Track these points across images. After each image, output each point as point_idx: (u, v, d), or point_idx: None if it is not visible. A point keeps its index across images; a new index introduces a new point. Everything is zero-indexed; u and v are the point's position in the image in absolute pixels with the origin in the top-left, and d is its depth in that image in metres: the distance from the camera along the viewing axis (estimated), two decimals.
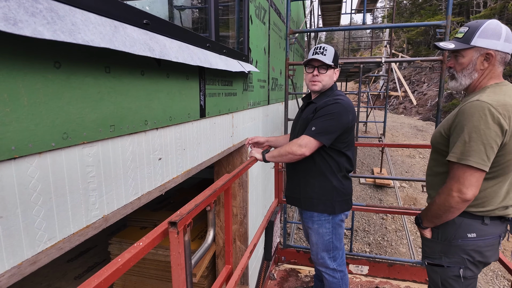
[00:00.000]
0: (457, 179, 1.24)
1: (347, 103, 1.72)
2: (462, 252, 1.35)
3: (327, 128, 1.65)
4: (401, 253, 5.18)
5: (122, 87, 1.11)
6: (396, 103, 19.30)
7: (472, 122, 1.19)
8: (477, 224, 1.32)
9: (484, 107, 1.18)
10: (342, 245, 1.91)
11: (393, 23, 7.10)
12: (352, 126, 1.77)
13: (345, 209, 1.84)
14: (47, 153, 0.84)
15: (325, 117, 1.66)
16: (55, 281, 3.46)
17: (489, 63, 1.31)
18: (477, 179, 1.21)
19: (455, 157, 1.24)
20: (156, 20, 1.27)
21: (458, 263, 1.37)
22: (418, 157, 8.62)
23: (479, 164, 1.18)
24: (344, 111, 1.67)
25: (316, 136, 1.64)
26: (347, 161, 1.81)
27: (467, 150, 1.20)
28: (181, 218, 0.84)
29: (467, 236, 1.34)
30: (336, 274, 1.89)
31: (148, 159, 1.32)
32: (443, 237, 1.40)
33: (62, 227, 0.90)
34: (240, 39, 2.71)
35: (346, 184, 1.82)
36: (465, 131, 1.21)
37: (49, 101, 0.83)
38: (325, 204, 1.80)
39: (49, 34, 0.73)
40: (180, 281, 0.85)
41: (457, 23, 18.12)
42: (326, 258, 1.88)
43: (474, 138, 1.19)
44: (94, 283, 0.62)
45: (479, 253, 1.34)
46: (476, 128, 1.18)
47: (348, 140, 1.77)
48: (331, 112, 1.66)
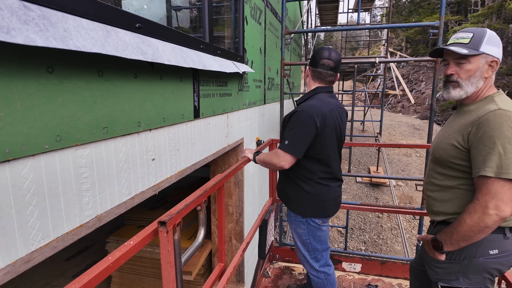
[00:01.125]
0: (494, 195, 1.12)
1: (314, 109, 1.64)
2: (483, 271, 1.25)
3: (296, 140, 1.63)
4: (396, 251, 5.23)
5: (115, 90, 1.14)
6: (394, 102, 19.35)
7: (503, 132, 1.12)
8: (499, 239, 1.23)
9: (509, 116, 1.13)
10: (324, 247, 1.89)
11: (389, 23, 7.12)
12: (324, 131, 1.67)
13: (318, 215, 1.80)
14: (40, 155, 0.87)
15: (293, 130, 1.64)
16: (53, 279, 3.49)
17: (492, 71, 1.29)
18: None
19: (492, 171, 1.13)
20: (149, 24, 1.29)
21: (479, 283, 1.27)
22: (415, 155, 8.66)
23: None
24: (309, 119, 1.61)
25: (288, 150, 1.62)
26: (322, 167, 1.75)
27: (505, 163, 1.11)
28: (171, 218, 0.87)
29: (488, 253, 1.23)
30: (319, 275, 1.90)
31: (141, 159, 1.35)
32: (462, 256, 1.27)
33: (55, 227, 0.93)
34: (235, 39, 2.73)
35: (320, 190, 1.76)
36: (497, 143, 1.12)
37: (42, 105, 0.86)
38: (296, 205, 1.82)
39: (42, 41, 0.75)
40: (170, 278, 0.88)
41: (455, 21, 18.15)
42: (308, 258, 1.89)
43: (510, 150, 1.11)
44: (85, 280, 0.65)
45: (499, 271, 1.26)
46: (509, 139, 1.11)
47: (322, 146, 1.70)
48: (297, 122, 1.63)
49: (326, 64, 1.74)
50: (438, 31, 2.85)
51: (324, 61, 1.74)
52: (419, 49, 22.57)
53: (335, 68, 1.77)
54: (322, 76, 1.78)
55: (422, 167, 7.96)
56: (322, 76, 1.78)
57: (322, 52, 1.75)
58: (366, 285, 2.44)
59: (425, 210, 2.54)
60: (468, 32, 1.29)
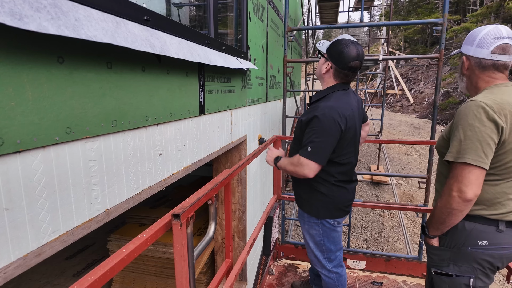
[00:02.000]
0: (456, 178, 1.20)
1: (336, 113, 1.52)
2: (472, 261, 1.28)
3: (320, 147, 1.50)
4: (398, 249, 5.23)
5: (123, 83, 1.13)
6: (393, 101, 19.38)
7: (467, 120, 1.19)
8: (490, 231, 1.24)
9: (478, 106, 1.18)
10: (338, 247, 1.85)
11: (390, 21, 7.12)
12: (346, 135, 1.58)
13: (333, 216, 1.75)
14: (51, 147, 0.85)
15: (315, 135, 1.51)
16: (53, 278, 3.47)
17: (467, 68, 1.35)
18: (476, 177, 1.16)
19: (452, 156, 1.22)
20: (157, 17, 1.28)
21: (468, 272, 1.29)
22: (415, 154, 8.68)
23: (477, 161, 1.15)
24: (333, 124, 1.50)
25: (313, 158, 1.50)
26: (339, 169, 1.67)
27: (463, 148, 1.18)
28: (184, 211, 0.85)
29: (477, 243, 1.25)
30: (331, 275, 1.85)
31: (149, 154, 1.33)
32: (451, 243, 1.32)
33: (65, 220, 0.92)
34: (238, 36, 2.72)
35: (336, 192, 1.70)
36: (460, 130, 1.21)
37: (53, 96, 0.84)
38: (310, 206, 1.76)
39: (54, 29, 0.74)
40: (183, 272, 0.87)
41: (453, 21, 18.19)
42: (321, 258, 1.84)
43: (469, 136, 1.17)
44: (101, 272, 0.63)
45: (490, 263, 1.27)
46: (471, 126, 1.17)
47: (342, 149, 1.61)
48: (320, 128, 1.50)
49: (355, 66, 1.58)
50: (441, 28, 2.85)
51: (353, 63, 1.57)
52: (418, 48, 22.64)
53: (361, 66, 1.62)
54: (346, 78, 1.64)
55: (423, 166, 7.97)
56: (347, 77, 1.64)
57: (349, 51, 1.55)
58: (371, 282, 2.43)
59: (428, 207, 2.54)
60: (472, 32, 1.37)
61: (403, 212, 5.83)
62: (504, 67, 1.28)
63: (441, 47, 2.92)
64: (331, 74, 1.65)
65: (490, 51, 1.26)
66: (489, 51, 1.26)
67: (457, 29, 15.49)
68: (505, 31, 1.24)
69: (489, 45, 1.26)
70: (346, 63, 1.57)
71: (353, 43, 1.58)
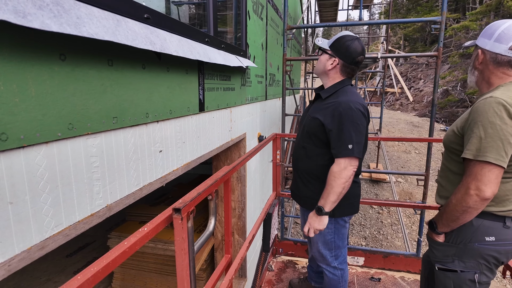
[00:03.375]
0: (474, 176, 1.17)
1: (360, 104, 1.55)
2: (478, 256, 1.27)
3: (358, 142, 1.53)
4: (396, 246, 5.26)
5: (124, 80, 1.14)
6: (393, 100, 19.40)
7: (487, 117, 1.15)
8: (497, 227, 1.24)
9: (498, 103, 1.14)
10: (345, 243, 1.86)
11: (389, 19, 7.13)
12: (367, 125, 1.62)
13: (346, 213, 1.74)
14: (53, 142, 0.87)
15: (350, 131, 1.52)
16: (54, 275, 3.49)
17: (481, 62, 1.30)
18: (496, 176, 1.14)
19: (471, 154, 1.18)
20: (157, 15, 1.29)
21: (474, 268, 1.29)
22: (414, 152, 8.70)
23: (498, 160, 1.13)
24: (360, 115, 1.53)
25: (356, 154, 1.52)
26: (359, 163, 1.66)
27: (484, 146, 1.15)
28: (185, 205, 0.87)
29: (484, 239, 1.25)
30: (336, 272, 1.86)
31: (149, 151, 1.35)
32: (458, 239, 1.31)
33: (68, 215, 0.93)
34: (238, 34, 2.73)
35: (353, 187, 1.68)
36: (480, 127, 1.16)
37: (55, 92, 0.86)
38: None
39: (56, 27, 0.75)
40: (184, 265, 0.88)
41: (453, 19, 18.19)
42: (328, 256, 1.84)
43: (490, 134, 1.14)
44: (103, 263, 0.65)
45: (495, 259, 1.27)
46: (492, 124, 1.14)
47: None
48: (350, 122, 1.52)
49: (360, 61, 1.64)
50: (440, 26, 2.86)
51: (359, 58, 1.62)
52: (417, 47, 22.65)
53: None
54: (353, 72, 1.68)
55: (421, 164, 8.00)
56: (353, 72, 1.68)
57: (356, 46, 1.60)
58: (369, 278, 2.45)
59: (426, 204, 2.56)
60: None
61: (401, 209, 5.86)
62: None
63: (439, 45, 2.93)
64: (338, 70, 1.66)
65: (508, 47, 1.21)
66: (507, 47, 1.22)
67: (457, 27, 15.50)
68: None
69: (509, 41, 1.21)
70: (354, 58, 1.60)
71: (357, 39, 1.62)
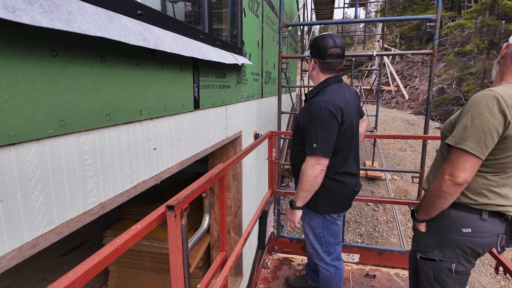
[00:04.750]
0: (451, 162, 1.21)
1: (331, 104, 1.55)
2: (455, 247, 1.32)
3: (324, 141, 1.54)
4: (392, 243, 5.30)
5: (117, 77, 1.13)
6: (389, 98, 19.47)
7: (478, 109, 1.16)
8: (474, 219, 1.28)
9: (493, 96, 1.15)
10: (337, 241, 1.85)
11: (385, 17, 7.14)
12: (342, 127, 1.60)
13: (329, 211, 1.75)
14: (45, 139, 0.86)
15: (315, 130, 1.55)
16: (49, 274, 3.47)
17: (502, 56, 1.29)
18: (471, 165, 1.17)
19: (453, 140, 1.21)
20: (150, 11, 1.28)
21: (451, 257, 1.34)
22: (409, 150, 8.76)
23: (475, 150, 1.15)
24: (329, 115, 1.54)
25: (320, 152, 1.54)
26: (338, 162, 1.68)
27: (466, 135, 1.17)
28: (179, 202, 0.87)
29: (461, 231, 1.29)
30: (329, 268, 1.87)
31: (143, 148, 1.34)
32: (437, 230, 1.36)
33: (60, 212, 0.93)
34: (233, 32, 2.72)
35: (333, 186, 1.70)
36: (469, 116, 1.19)
37: (46, 89, 0.85)
38: (309, 201, 1.73)
39: (47, 22, 0.74)
40: (178, 262, 0.88)
41: (448, 17, 18.27)
42: (320, 251, 1.85)
43: (476, 124, 1.16)
44: (95, 260, 0.65)
45: (472, 250, 1.31)
46: (480, 115, 1.15)
47: (340, 141, 1.62)
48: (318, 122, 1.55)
49: (335, 53, 1.63)
50: (434, 24, 2.87)
51: (331, 50, 1.62)
52: (413, 45, 22.71)
53: (343, 54, 1.67)
54: (332, 67, 1.68)
55: (417, 161, 8.05)
56: (332, 66, 1.67)
57: (325, 41, 1.63)
58: (364, 275, 2.47)
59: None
60: None
61: (397, 207, 5.89)
62: None
63: (434, 43, 2.95)
64: (318, 69, 1.71)
65: None
66: None
67: (452, 25, 15.57)
68: None
69: None
70: (325, 52, 1.63)
71: (329, 35, 1.65)
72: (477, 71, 14.65)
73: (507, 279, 4.92)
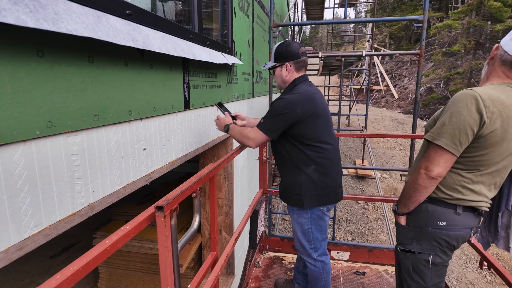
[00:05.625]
0: (428, 157, 1.28)
1: (295, 98, 1.69)
2: (432, 239, 1.39)
3: (271, 122, 1.71)
4: (381, 240, 5.37)
5: (105, 77, 1.12)
6: (378, 97, 19.71)
7: (457, 107, 1.21)
8: (449, 213, 1.34)
9: (473, 96, 1.18)
10: (324, 236, 1.92)
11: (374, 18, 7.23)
12: (309, 118, 1.71)
13: (319, 203, 1.81)
14: (32, 141, 0.85)
15: (270, 113, 1.73)
16: (38, 277, 3.42)
17: (492, 56, 1.32)
18: (445, 160, 1.23)
19: (431, 136, 1.27)
20: (139, 11, 1.28)
21: (428, 249, 1.40)
22: (399, 149, 8.89)
23: (449, 146, 1.21)
24: (287, 107, 1.67)
25: (263, 129, 1.71)
26: (316, 153, 1.76)
27: (442, 132, 1.23)
28: (168, 203, 0.87)
29: (437, 224, 1.36)
30: (317, 264, 1.93)
31: (132, 149, 1.34)
32: (415, 223, 1.43)
33: (48, 214, 0.92)
34: (224, 31, 2.72)
35: (319, 178, 1.78)
36: (448, 114, 1.23)
37: (33, 90, 0.84)
38: (295, 198, 1.82)
39: (32, 22, 0.74)
40: (167, 262, 0.88)
41: (436, 18, 18.59)
42: (307, 248, 1.91)
43: (453, 122, 1.21)
44: (83, 262, 0.64)
45: (447, 242, 1.37)
46: (458, 113, 1.20)
47: (313, 133, 1.73)
48: (274, 108, 1.71)
49: (304, 51, 1.83)
50: (422, 25, 2.92)
51: (302, 49, 1.82)
52: (402, 45, 23.05)
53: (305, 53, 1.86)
54: (305, 64, 1.85)
55: (406, 160, 8.18)
56: (305, 64, 1.85)
57: (291, 45, 1.80)
58: (354, 272, 2.51)
59: None
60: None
61: (386, 204, 5.99)
62: None
63: (421, 43, 3.00)
64: (293, 70, 1.83)
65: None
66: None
67: (440, 26, 15.85)
68: None
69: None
70: (297, 52, 1.80)
71: (288, 41, 1.84)
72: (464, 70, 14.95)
73: (492, 274, 5.05)
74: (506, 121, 1.18)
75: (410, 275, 1.48)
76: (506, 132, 1.19)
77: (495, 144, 1.20)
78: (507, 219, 1.60)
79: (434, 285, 1.43)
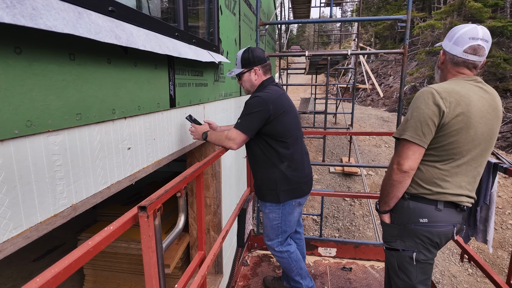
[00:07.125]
0: (398, 153, 1.35)
1: (267, 96, 1.76)
2: (414, 236, 1.41)
3: (247, 120, 1.75)
4: (368, 236, 5.47)
5: (88, 75, 1.10)
6: (364, 96, 20.01)
7: (417, 103, 1.31)
8: (430, 209, 1.37)
9: (429, 91, 1.29)
10: (291, 230, 2.01)
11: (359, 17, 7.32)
12: (281, 115, 1.78)
13: (293, 197, 1.90)
14: (9, 140, 0.83)
15: (245, 111, 1.77)
16: (20, 281, 3.32)
17: (442, 62, 1.44)
18: (413, 152, 1.30)
19: (398, 133, 1.36)
20: (122, 8, 1.25)
21: (412, 247, 1.42)
22: (384, 146, 9.05)
23: (414, 138, 1.29)
24: (261, 104, 1.73)
25: (242, 129, 1.75)
26: (290, 151, 1.85)
27: (406, 127, 1.32)
28: (151, 203, 0.86)
29: (419, 221, 1.38)
30: (283, 254, 2.01)
31: (116, 148, 1.32)
32: (399, 221, 1.45)
33: (28, 216, 0.89)
34: (210, 29, 2.70)
35: (292, 174, 1.86)
36: (410, 111, 1.34)
37: (10, 88, 0.81)
38: (271, 194, 1.89)
39: (9, 18, 0.71)
40: (152, 263, 0.87)
41: (420, 18, 18.98)
42: (274, 241, 1.99)
43: (414, 116, 1.30)
44: (65, 263, 0.63)
45: (429, 239, 1.39)
46: (418, 108, 1.30)
47: (284, 130, 1.80)
48: (250, 107, 1.76)
49: (267, 56, 1.99)
50: (405, 25, 2.98)
51: (265, 53, 1.97)
52: (387, 44, 23.44)
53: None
54: (270, 67, 1.98)
55: (391, 157, 8.33)
56: (270, 67, 1.98)
57: (256, 50, 1.92)
58: (341, 268, 2.54)
59: None
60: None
61: (372, 201, 6.09)
62: (473, 66, 1.36)
63: (405, 42, 3.06)
64: (261, 74, 1.93)
65: (463, 50, 1.33)
66: (462, 50, 1.33)
67: (423, 25, 16.21)
68: (481, 32, 1.30)
69: (463, 44, 1.33)
70: (263, 56, 1.93)
71: (251, 47, 1.94)
72: None
73: (474, 267, 5.22)
74: (466, 108, 1.26)
75: (396, 273, 1.50)
76: (469, 118, 1.27)
77: (461, 130, 1.28)
78: (485, 213, 1.66)
79: (419, 282, 1.45)
